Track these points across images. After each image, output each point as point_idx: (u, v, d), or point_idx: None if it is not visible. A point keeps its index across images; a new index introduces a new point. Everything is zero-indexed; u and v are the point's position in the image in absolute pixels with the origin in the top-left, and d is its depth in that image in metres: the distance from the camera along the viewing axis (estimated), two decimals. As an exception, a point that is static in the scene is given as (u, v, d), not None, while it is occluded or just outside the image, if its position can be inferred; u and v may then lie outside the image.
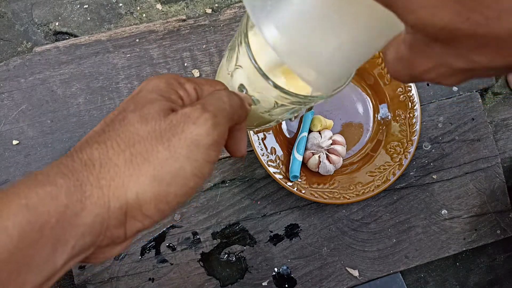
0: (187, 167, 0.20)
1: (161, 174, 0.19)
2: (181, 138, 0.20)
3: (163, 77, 0.23)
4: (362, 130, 0.55)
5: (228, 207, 0.53)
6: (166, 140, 0.19)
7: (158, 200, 0.19)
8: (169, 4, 0.56)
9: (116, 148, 0.19)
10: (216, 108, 0.21)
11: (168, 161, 0.19)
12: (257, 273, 0.53)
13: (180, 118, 0.20)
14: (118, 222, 0.19)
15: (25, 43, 0.55)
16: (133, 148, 0.19)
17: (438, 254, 0.56)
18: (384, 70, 0.53)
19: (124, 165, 0.19)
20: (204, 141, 0.20)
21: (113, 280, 0.51)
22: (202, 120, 0.20)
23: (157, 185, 0.19)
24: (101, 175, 0.18)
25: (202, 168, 0.20)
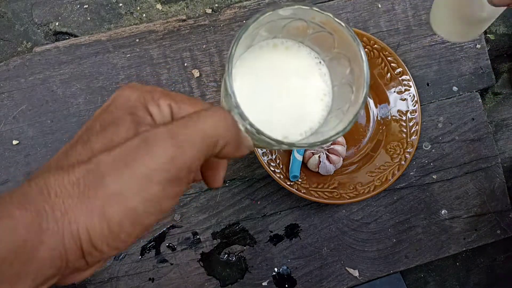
0: (139, 206, 0.17)
1: (109, 212, 0.17)
2: (132, 170, 0.17)
3: (137, 89, 0.21)
4: (362, 130, 0.55)
5: (228, 207, 0.53)
6: (116, 172, 0.17)
7: (110, 239, 0.17)
8: (169, 4, 0.56)
9: (71, 175, 0.17)
10: (187, 133, 0.18)
11: (117, 198, 0.17)
12: (257, 273, 0.53)
13: (137, 143, 0.18)
14: (76, 256, 0.17)
15: (25, 43, 0.55)
16: (87, 178, 0.17)
17: (438, 254, 0.56)
18: (384, 70, 0.53)
19: (77, 197, 0.17)
20: (159, 177, 0.17)
21: (113, 280, 0.51)
22: (160, 149, 0.17)
23: (107, 225, 0.17)
24: (56, 206, 0.17)
25: (158, 205, 0.18)
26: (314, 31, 0.27)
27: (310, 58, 0.28)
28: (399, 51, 0.57)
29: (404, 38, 0.57)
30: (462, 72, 0.58)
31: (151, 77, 0.53)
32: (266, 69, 0.28)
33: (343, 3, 0.56)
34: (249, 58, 0.28)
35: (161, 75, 0.54)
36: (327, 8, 0.56)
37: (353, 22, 0.56)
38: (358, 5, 0.56)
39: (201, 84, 0.54)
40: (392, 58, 0.52)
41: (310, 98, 0.28)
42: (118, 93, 0.21)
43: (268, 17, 0.24)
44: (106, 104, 0.21)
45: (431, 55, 0.57)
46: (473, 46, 0.58)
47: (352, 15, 0.56)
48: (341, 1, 0.56)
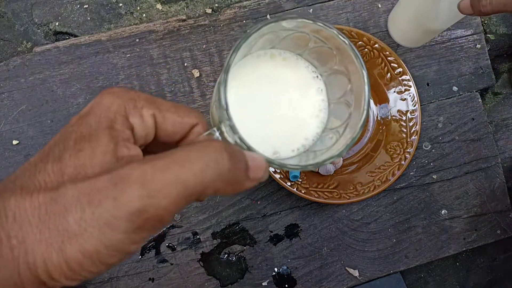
0: (101, 250, 0.16)
1: (69, 251, 0.16)
2: (95, 212, 0.16)
3: (118, 96, 0.19)
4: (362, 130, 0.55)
5: (228, 207, 0.53)
6: (79, 210, 0.16)
7: (69, 275, 0.16)
8: (169, 4, 0.56)
9: (35, 199, 0.16)
10: (163, 182, 0.16)
11: (77, 239, 0.16)
12: (257, 273, 0.53)
13: (105, 183, 0.16)
14: (34, 286, 0.16)
15: (25, 43, 0.55)
16: (50, 206, 0.16)
17: (438, 254, 0.56)
18: (384, 70, 0.53)
19: (36, 225, 0.16)
20: (123, 227, 0.16)
21: (113, 280, 0.51)
22: (126, 198, 0.16)
23: (65, 262, 0.16)
24: (13, 232, 0.15)
25: (121, 249, 0.16)
26: (315, 45, 0.26)
27: (307, 71, 0.27)
28: (399, 51, 0.57)
29: (404, 38, 0.57)
30: (462, 72, 0.58)
31: (151, 77, 0.53)
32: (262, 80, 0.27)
33: (343, 3, 0.56)
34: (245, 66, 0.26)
35: (161, 75, 0.54)
36: (327, 8, 0.56)
37: (353, 22, 0.56)
38: (358, 5, 0.56)
39: (201, 84, 0.54)
40: (392, 58, 0.52)
41: (305, 113, 0.26)
42: (98, 100, 0.19)
43: (270, 28, 0.23)
44: (84, 111, 0.19)
45: (431, 55, 0.57)
46: (473, 46, 0.58)
47: (352, 15, 0.56)
48: (341, 1, 0.56)
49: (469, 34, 0.58)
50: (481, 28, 0.59)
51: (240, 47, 0.22)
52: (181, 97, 0.54)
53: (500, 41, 0.62)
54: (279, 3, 0.55)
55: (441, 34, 0.57)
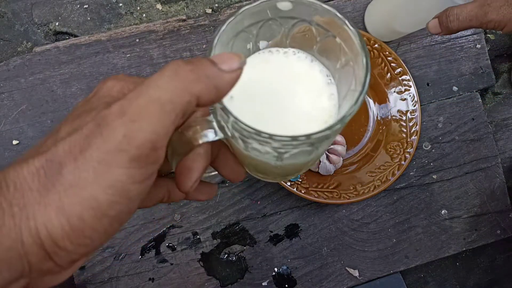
0: (100, 195, 0.15)
1: (67, 205, 0.15)
2: (86, 156, 0.15)
3: (121, 79, 0.19)
4: (362, 130, 0.55)
5: (228, 207, 0.53)
6: (72, 160, 0.15)
7: (72, 236, 0.15)
8: (169, 4, 0.56)
9: (31, 166, 0.15)
10: (139, 105, 0.16)
11: (74, 190, 0.15)
12: (257, 273, 0.53)
13: (91, 127, 0.16)
14: (39, 257, 0.15)
15: (25, 43, 0.55)
16: (46, 168, 0.15)
17: (438, 254, 0.56)
18: (384, 70, 0.53)
19: (37, 189, 0.15)
20: (116, 160, 0.15)
21: (113, 280, 0.51)
22: (111, 129, 0.15)
23: (66, 220, 0.15)
24: (15, 200, 0.15)
25: (123, 192, 0.16)
26: (321, 37, 0.25)
27: (321, 76, 0.26)
28: (399, 51, 0.57)
29: (404, 38, 0.57)
30: (462, 72, 0.58)
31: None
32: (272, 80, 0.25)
33: (343, 3, 0.56)
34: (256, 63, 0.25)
35: (161, 75, 0.54)
36: (327, 8, 0.56)
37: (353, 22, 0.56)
38: (358, 5, 0.56)
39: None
40: (392, 58, 0.52)
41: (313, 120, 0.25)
42: (101, 84, 0.19)
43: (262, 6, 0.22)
44: (88, 97, 0.19)
45: (431, 55, 0.57)
46: (473, 46, 0.58)
47: (352, 15, 0.56)
48: (341, 1, 0.56)
49: (469, 34, 0.58)
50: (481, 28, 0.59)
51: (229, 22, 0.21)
52: (181, 97, 0.54)
53: (500, 41, 0.61)
54: None
55: (441, 34, 0.58)
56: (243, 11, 0.22)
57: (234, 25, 0.22)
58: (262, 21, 0.24)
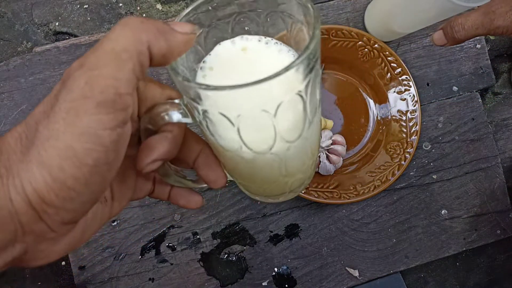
0: (74, 143, 0.16)
1: (46, 158, 0.15)
2: (55, 110, 0.16)
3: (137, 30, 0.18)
4: (362, 130, 0.55)
5: (228, 207, 0.53)
6: (45, 116, 0.16)
7: (56, 189, 0.16)
8: (169, 4, 0.56)
9: (13, 132, 0.17)
10: (96, 56, 0.16)
11: (50, 142, 0.16)
12: (257, 273, 0.53)
13: (58, 85, 0.17)
14: (30, 216, 0.16)
15: (25, 43, 0.55)
16: (27, 131, 0.16)
17: (438, 254, 0.56)
18: (384, 70, 0.53)
19: (20, 151, 0.16)
20: (83, 107, 0.16)
21: (113, 280, 0.51)
22: (72, 80, 0.16)
23: (46, 172, 0.15)
24: (1, 163, 0.16)
25: (95, 138, 0.16)
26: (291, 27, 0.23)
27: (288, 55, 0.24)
28: (399, 51, 0.57)
29: (404, 38, 0.57)
30: (462, 72, 0.58)
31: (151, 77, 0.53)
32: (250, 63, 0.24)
33: (343, 3, 0.56)
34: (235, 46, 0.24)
35: (161, 75, 0.54)
36: (327, 8, 0.56)
37: (353, 22, 0.56)
38: (358, 5, 0.56)
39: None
40: (392, 58, 0.52)
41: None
42: (117, 31, 0.18)
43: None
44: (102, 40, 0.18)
45: (431, 55, 0.57)
46: (473, 46, 0.58)
47: (352, 15, 0.56)
48: (341, 1, 0.56)
49: (469, 34, 0.58)
50: (481, 28, 0.59)
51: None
52: (181, 97, 0.54)
53: (500, 41, 0.62)
54: (279, 3, 0.55)
55: (441, 34, 0.58)
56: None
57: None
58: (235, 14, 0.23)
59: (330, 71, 0.55)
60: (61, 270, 0.54)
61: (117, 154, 0.18)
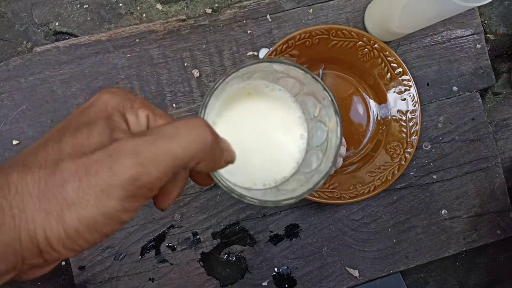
0: (97, 217, 0.17)
1: (67, 218, 0.17)
2: (91, 181, 0.17)
3: (117, 95, 0.21)
4: (362, 130, 0.55)
5: (228, 207, 0.53)
6: (77, 180, 0.17)
7: (66, 242, 0.17)
8: (169, 4, 0.56)
9: (35, 174, 0.17)
10: (155, 153, 0.17)
11: (75, 207, 0.17)
12: (257, 273, 0.53)
13: (101, 156, 0.17)
14: (32, 254, 0.17)
15: (25, 43, 0.55)
16: (49, 179, 0.17)
17: (438, 254, 0.56)
18: (384, 70, 0.53)
19: (37, 196, 0.17)
20: (117, 194, 0.17)
21: (113, 280, 0.51)
22: (120, 167, 0.17)
23: (63, 229, 0.17)
24: (15, 202, 0.17)
25: (116, 217, 0.18)
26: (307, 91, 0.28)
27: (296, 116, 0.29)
28: (399, 51, 0.57)
29: (404, 38, 0.57)
30: (462, 72, 0.58)
31: (151, 77, 0.53)
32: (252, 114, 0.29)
33: (343, 3, 0.56)
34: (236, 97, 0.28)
35: (161, 75, 0.54)
36: (327, 8, 0.56)
37: (353, 22, 0.56)
38: (358, 5, 0.56)
39: (201, 84, 0.54)
40: (392, 58, 0.52)
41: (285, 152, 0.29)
42: (98, 96, 0.21)
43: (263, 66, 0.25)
44: (83, 106, 0.21)
45: (431, 55, 0.57)
46: (473, 46, 0.58)
47: (352, 15, 0.56)
48: (341, 1, 0.56)
49: (469, 34, 0.58)
50: (481, 28, 0.58)
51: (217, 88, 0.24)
52: (181, 97, 0.54)
53: (500, 41, 0.61)
54: (279, 3, 0.55)
55: (441, 34, 0.58)
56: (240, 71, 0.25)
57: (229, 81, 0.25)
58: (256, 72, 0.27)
59: (330, 71, 0.55)
60: (61, 270, 0.54)
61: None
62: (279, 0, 0.55)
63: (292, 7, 0.55)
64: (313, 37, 0.51)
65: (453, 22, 0.58)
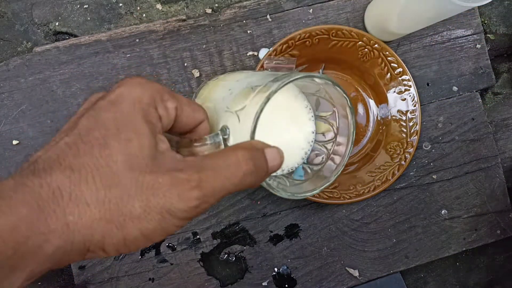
0: (157, 230, 0.20)
1: (129, 227, 0.19)
2: (159, 203, 0.19)
3: (148, 89, 0.22)
4: (362, 130, 0.55)
5: (228, 207, 0.53)
6: (145, 199, 0.19)
7: (120, 246, 0.19)
8: (169, 4, 0.56)
9: (91, 183, 0.18)
10: (214, 188, 0.20)
11: (140, 221, 0.19)
12: (257, 273, 0.53)
13: (167, 181, 0.19)
14: (79, 254, 0.19)
15: (25, 43, 0.55)
16: (109, 191, 0.18)
17: (438, 254, 0.56)
18: (384, 70, 0.53)
19: (95, 206, 0.18)
20: (181, 216, 0.20)
21: (113, 280, 0.51)
22: (187, 197, 0.19)
23: (123, 236, 0.19)
24: (69, 209, 0.18)
25: (170, 231, 0.20)
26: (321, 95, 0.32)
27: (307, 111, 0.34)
28: (399, 51, 0.57)
29: (404, 38, 0.57)
30: (462, 72, 0.58)
31: (151, 77, 0.53)
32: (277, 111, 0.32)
33: (343, 3, 0.56)
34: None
35: (161, 75, 0.54)
36: (327, 8, 0.56)
37: (353, 22, 0.56)
38: (358, 5, 0.56)
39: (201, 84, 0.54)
40: (392, 58, 0.52)
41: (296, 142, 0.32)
42: (126, 88, 0.22)
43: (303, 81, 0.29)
44: (111, 98, 0.21)
45: (431, 55, 0.57)
46: (473, 46, 0.58)
47: (352, 15, 0.56)
48: (341, 1, 0.56)
49: (469, 34, 0.58)
50: (481, 28, 0.59)
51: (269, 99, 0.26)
52: (181, 97, 0.54)
53: (500, 41, 0.61)
54: (279, 3, 0.55)
55: (441, 34, 0.58)
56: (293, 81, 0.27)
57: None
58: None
59: (330, 71, 0.55)
60: (61, 270, 0.54)
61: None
62: (279, 0, 0.55)
63: (292, 7, 0.55)
64: (313, 37, 0.51)
65: (453, 22, 0.58)
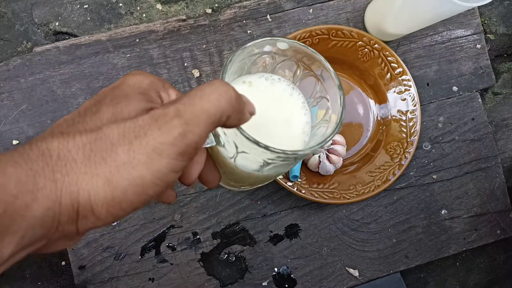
0: (147, 176, 0.18)
1: (116, 179, 0.17)
2: (142, 143, 0.18)
3: (148, 76, 0.22)
4: (362, 130, 0.55)
5: (228, 207, 0.53)
6: (127, 143, 0.18)
7: (110, 205, 0.18)
8: (169, 4, 0.56)
9: (78, 140, 0.18)
10: (193, 113, 0.19)
11: (126, 167, 0.18)
12: (257, 273, 0.53)
13: (147, 120, 0.19)
14: (69, 218, 0.18)
15: (25, 43, 0.55)
16: (94, 144, 0.18)
17: (438, 254, 0.56)
18: (384, 70, 0.53)
19: (81, 161, 0.17)
20: (168, 151, 0.18)
21: (113, 280, 0.51)
22: (169, 127, 0.18)
23: (111, 190, 0.17)
24: (57, 167, 0.17)
25: (164, 177, 0.19)
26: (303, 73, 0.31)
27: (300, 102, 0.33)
28: (399, 51, 0.57)
29: (404, 38, 0.57)
30: (462, 72, 0.58)
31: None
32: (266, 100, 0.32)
33: (343, 3, 0.56)
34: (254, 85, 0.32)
35: (161, 75, 0.54)
36: (327, 8, 0.56)
37: (353, 22, 0.56)
38: (358, 5, 0.56)
39: (201, 84, 0.54)
40: (392, 58, 0.52)
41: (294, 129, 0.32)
42: (130, 75, 0.22)
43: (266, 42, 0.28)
44: (114, 85, 0.21)
45: (431, 55, 0.57)
46: (473, 46, 0.58)
47: (352, 15, 0.56)
48: (341, 1, 0.56)
49: (469, 34, 0.58)
50: (481, 28, 0.59)
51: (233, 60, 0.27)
52: (181, 97, 0.54)
53: (500, 41, 0.62)
54: (279, 3, 0.55)
55: (441, 34, 0.58)
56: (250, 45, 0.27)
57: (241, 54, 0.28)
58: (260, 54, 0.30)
59: (330, 71, 0.55)
60: (61, 270, 0.54)
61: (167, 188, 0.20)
62: (279, 0, 0.55)
63: (292, 7, 0.55)
64: (313, 37, 0.51)
65: (453, 22, 0.58)
